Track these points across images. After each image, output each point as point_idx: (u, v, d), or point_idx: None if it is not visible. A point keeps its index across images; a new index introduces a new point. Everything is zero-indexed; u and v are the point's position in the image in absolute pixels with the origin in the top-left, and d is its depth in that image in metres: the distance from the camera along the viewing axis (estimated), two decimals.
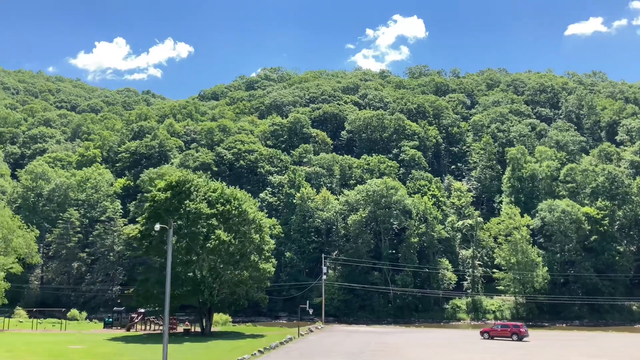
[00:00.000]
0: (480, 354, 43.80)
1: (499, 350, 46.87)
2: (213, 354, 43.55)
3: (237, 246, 60.00)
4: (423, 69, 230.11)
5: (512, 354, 44.81)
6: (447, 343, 52.84)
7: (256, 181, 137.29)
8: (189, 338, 58.51)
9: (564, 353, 46.74)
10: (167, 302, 31.16)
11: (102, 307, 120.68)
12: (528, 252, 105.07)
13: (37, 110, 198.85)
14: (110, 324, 72.02)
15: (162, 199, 60.64)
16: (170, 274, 31.59)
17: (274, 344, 46.18)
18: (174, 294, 58.52)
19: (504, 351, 46.43)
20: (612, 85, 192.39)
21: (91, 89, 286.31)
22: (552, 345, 52.48)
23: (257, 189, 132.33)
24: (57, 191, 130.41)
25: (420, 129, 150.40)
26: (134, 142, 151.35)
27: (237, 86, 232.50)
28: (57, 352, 43.16)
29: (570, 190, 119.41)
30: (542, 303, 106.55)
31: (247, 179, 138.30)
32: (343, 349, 45.82)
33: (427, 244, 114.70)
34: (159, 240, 59.46)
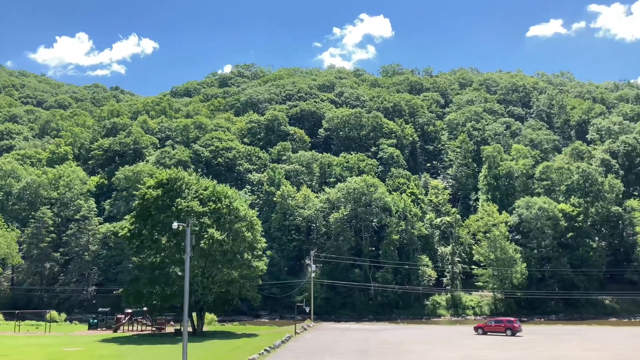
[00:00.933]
0: (487, 350, 44.19)
1: (501, 346, 47.50)
2: (217, 354, 42.82)
3: (230, 244, 59.21)
4: (396, 68, 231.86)
5: (516, 349, 45.46)
6: (445, 339, 53.31)
7: (234, 179, 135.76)
8: (180, 338, 57.25)
9: (566, 346, 47.69)
10: (187, 301, 30.39)
11: (76, 308, 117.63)
12: (506, 249, 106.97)
13: (1, 106, 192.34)
14: (95, 325, 70.17)
15: (153, 197, 59.32)
16: (189, 273, 30.80)
17: (277, 343, 45.73)
18: (166, 293, 57.43)
19: (505, 346, 47.12)
20: (580, 86, 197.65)
21: (57, 85, 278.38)
22: (547, 339, 53.50)
23: (236, 187, 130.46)
24: (27, 189, 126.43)
25: (397, 128, 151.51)
26: (107, 139, 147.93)
27: (209, 83, 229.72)
28: (55, 355, 41.78)
29: (546, 188, 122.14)
30: (519, 298, 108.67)
31: (225, 177, 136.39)
32: (346, 346, 45.71)
33: (407, 241, 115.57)
34: (151, 240, 58.17)
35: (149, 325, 68.48)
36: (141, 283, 58.89)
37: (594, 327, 76.33)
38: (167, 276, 57.86)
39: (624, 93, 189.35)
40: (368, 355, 39.90)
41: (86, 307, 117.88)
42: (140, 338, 56.86)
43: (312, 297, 77.10)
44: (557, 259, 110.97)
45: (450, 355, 40.78)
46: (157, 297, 57.71)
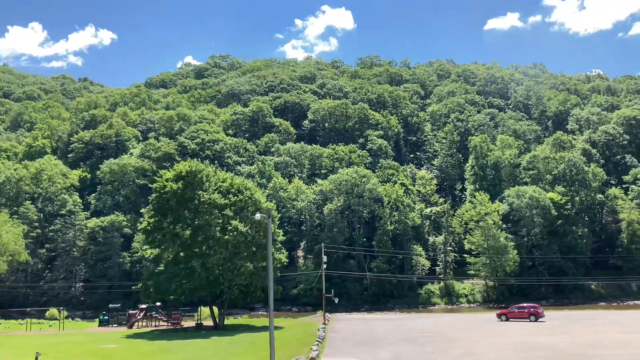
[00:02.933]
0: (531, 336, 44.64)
1: (539, 331, 48.24)
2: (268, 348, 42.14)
3: (252, 236, 58.46)
4: (375, 59, 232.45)
5: (556, 333, 46.14)
6: (476, 327, 54.00)
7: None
8: (206, 332, 56.46)
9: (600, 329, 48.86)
10: (271, 293, 29.81)
11: (63, 305, 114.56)
12: (498, 237, 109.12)
13: None
14: (106, 322, 68.32)
15: (173, 190, 57.94)
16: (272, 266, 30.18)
17: (321, 334, 45.39)
18: (189, 287, 56.44)
19: (543, 332, 48.04)
20: (554, 77, 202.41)
21: (21, 75, 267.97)
22: (574, 324, 54.87)
23: None
24: (7, 184, 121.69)
25: (382, 119, 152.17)
26: (88, 132, 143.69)
27: (185, 74, 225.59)
28: (98, 353, 40.47)
29: (533, 177, 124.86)
30: (512, 285, 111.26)
31: None
32: (390, 336, 45.76)
33: (399, 231, 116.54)
34: (172, 233, 56.94)
35: (165, 321, 67.07)
36: (162, 277, 57.54)
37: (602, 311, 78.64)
38: (191, 270, 56.71)
39: (596, 84, 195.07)
40: (422, 344, 40.08)
41: (74, 304, 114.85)
42: (165, 333, 55.67)
43: (323, 289, 76.81)
44: (547, 247, 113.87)
45: (501, 341, 41.33)
46: (180, 291, 56.53)
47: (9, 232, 62.63)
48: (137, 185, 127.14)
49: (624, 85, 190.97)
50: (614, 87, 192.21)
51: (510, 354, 35.23)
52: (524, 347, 37.98)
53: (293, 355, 35.58)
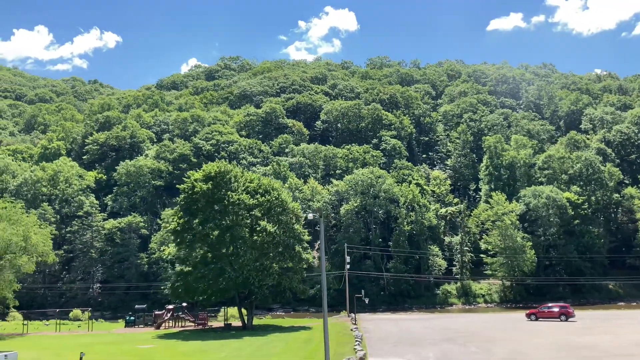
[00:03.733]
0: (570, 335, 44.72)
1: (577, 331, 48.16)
2: (306, 348, 42.41)
3: (281, 237, 58.70)
4: (384, 60, 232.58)
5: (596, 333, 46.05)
6: (508, 327, 54.02)
7: None
8: (236, 333, 56.66)
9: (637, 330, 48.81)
10: (324, 294, 30.02)
11: (81, 307, 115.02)
12: (515, 237, 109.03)
13: None
14: (132, 323, 68.62)
15: (203, 190, 58.20)
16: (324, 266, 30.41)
17: (357, 334, 45.56)
18: (219, 287, 56.73)
19: (582, 331, 48.00)
20: (565, 77, 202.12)
21: (32, 78, 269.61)
22: (604, 323, 54.91)
23: None
24: (25, 186, 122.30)
25: (395, 119, 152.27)
26: (103, 134, 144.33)
27: (195, 75, 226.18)
28: (138, 353, 40.73)
29: (548, 177, 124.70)
30: (528, 285, 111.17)
31: None
32: (429, 336, 45.88)
33: (416, 231, 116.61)
34: (202, 234, 57.23)
35: (192, 321, 67.34)
36: (192, 278, 57.79)
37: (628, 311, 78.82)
38: (221, 270, 56.97)
39: (607, 84, 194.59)
40: (463, 344, 40.19)
41: (92, 305, 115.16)
42: (195, 334, 55.93)
43: (347, 290, 77.06)
44: (563, 246, 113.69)
45: (543, 341, 41.39)
46: (211, 291, 56.78)
47: (37, 233, 63.05)
48: (153, 186, 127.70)
49: (636, 85, 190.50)
50: (625, 87, 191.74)
51: (557, 354, 35.31)
52: (569, 347, 38.05)
53: (335, 355, 35.71)
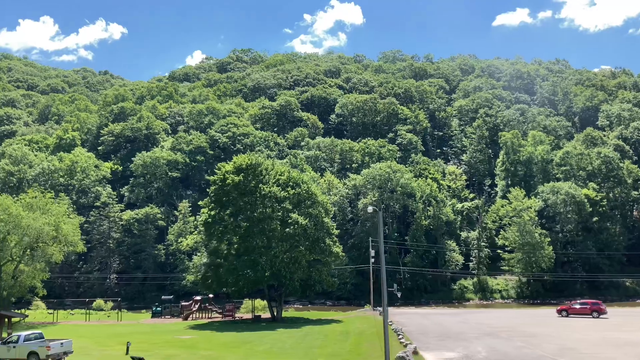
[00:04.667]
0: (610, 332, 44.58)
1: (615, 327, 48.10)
2: (348, 341, 42.38)
3: (312, 230, 58.65)
4: (396, 54, 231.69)
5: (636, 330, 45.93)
6: (543, 322, 53.89)
7: None
8: (267, 324, 56.73)
9: None
10: (384, 287, 29.93)
11: (98, 297, 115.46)
12: (534, 233, 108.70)
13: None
14: (159, 313, 68.81)
15: (235, 182, 58.13)
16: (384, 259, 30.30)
17: (396, 328, 45.55)
18: (251, 278, 56.77)
19: (621, 328, 47.88)
20: (579, 73, 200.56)
21: (43, 68, 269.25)
22: (637, 320, 54.67)
23: None
24: (42, 176, 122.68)
25: (411, 114, 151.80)
26: (118, 125, 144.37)
27: (207, 67, 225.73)
28: (181, 343, 40.75)
29: (565, 173, 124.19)
30: (545, 281, 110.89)
31: None
32: (468, 330, 45.83)
33: (433, 226, 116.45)
34: (234, 225, 57.21)
35: (219, 313, 67.46)
36: (224, 269, 57.80)
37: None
38: (253, 262, 57.00)
39: (622, 80, 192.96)
40: (506, 339, 40.11)
41: (109, 296, 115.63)
42: (226, 325, 56.02)
43: (371, 284, 77.07)
44: (581, 243, 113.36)
45: (585, 337, 41.24)
46: (243, 282, 56.83)
47: (67, 223, 63.20)
48: (169, 178, 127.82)
49: None
50: None
51: (606, 349, 35.17)
52: (616, 342, 37.94)
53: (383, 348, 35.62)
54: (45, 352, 32.76)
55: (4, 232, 56.08)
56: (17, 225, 56.59)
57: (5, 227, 56.10)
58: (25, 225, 56.57)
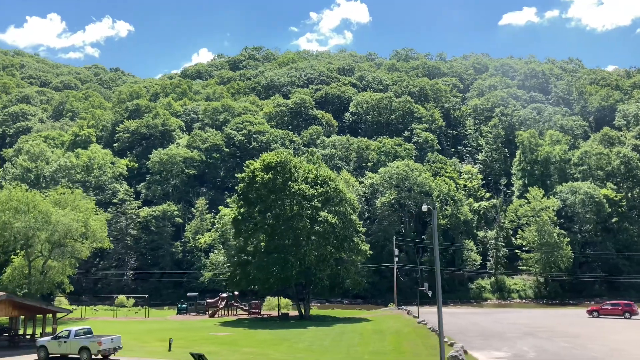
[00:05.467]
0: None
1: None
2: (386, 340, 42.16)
3: (340, 227, 58.49)
4: (409, 52, 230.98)
5: None
6: (577, 323, 53.58)
7: None
8: (296, 322, 56.61)
9: None
10: (439, 286, 29.73)
11: (115, 294, 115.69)
12: (552, 233, 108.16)
13: (10, 86, 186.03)
14: (184, 310, 68.82)
15: (264, 180, 58.01)
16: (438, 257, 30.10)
17: (433, 327, 45.31)
18: (281, 276, 56.67)
19: None
20: (594, 73, 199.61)
21: (55, 65, 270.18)
22: None
23: None
24: (59, 172, 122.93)
25: (426, 112, 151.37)
26: (134, 121, 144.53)
27: (219, 65, 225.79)
28: (220, 340, 40.66)
29: (583, 173, 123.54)
30: (564, 282, 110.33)
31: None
32: (507, 330, 45.57)
33: (450, 225, 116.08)
34: (263, 223, 57.09)
35: (245, 310, 67.38)
36: (253, 266, 57.71)
37: None
38: (284, 259, 56.90)
39: (637, 80, 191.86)
40: (548, 339, 39.82)
41: (126, 292, 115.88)
42: (255, 322, 55.94)
43: (395, 283, 76.79)
44: (600, 243, 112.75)
45: (622, 338, 40.98)
46: (273, 280, 56.74)
47: (95, 219, 63.30)
48: (185, 175, 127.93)
49: None
50: None
51: None
52: None
53: (430, 348, 35.49)
54: (97, 348, 32.75)
55: (34, 228, 56.11)
56: (47, 221, 56.61)
57: (35, 224, 56.12)
58: (55, 221, 56.63)
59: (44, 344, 34.71)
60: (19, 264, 60.46)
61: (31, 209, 56.43)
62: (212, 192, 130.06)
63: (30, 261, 59.12)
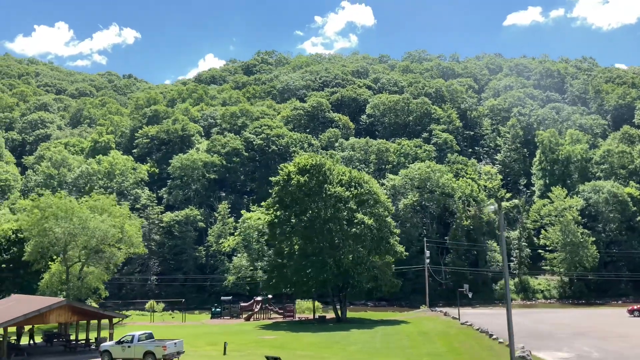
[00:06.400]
0: None
1: None
2: (437, 341, 42.10)
3: (376, 229, 58.49)
4: (422, 54, 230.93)
5: None
6: (622, 323, 53.21)
7: None
8: (334, 325, 56.61)
9: None
10: (507, 286, 29.69)
11: (139, 299, 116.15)
12: (577, 233, 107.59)
13: (28, 94, 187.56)
14: (218, 314, 69.02)
15: (300, 183, 58.13)
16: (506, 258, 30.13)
17: (481, 329, 45.23)
18: (320, 279, 56.72)
19: None
20: (609, 71, 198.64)
21: (68, 73, 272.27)
22: None
23: None
24: (81, 179, 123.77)
25: (443, 113, 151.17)
26: (153, 127, 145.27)
27: (233, 70, 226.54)
28: (269, 343, 40.73)
29: (606, 172, 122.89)
30: (589, 281, 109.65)
31: (276, 164, 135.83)
32: (551, 331, 45.36)
33: (473, 226, 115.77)
34: (301, 226, 57.20)
35: (280, 313, 67.45)
36: (290, 269, 57.81)
37: None
38: (322, 262, 56.95)
39: None
40: (602, 339, 39.64)
41: (150, 297, 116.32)
42: (294, 325, 56.02)
43: (427, 284, 76.65)
44: (625, 242, 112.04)
45: None
46: (312, 282, 56.78)
47: (130, 224, 63.69)
48: (206, 179, 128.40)
49: None
50: None
51: None
52: None
53: (483, 348, 35.39)
54: (162, 352, 32.89)
55: (73, 234, 56.50)
56: (85, 227, 56.97)
57: (74, 229, 56.50)
58: (93, 227, 56.98)
59: (108, 349, 34.92)
60: (56, 270, 60.84)
61: (70, 215, 56.81)
62: (232, 196, 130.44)
63: (68, 267, 59.49)
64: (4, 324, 32.48)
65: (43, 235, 55.91)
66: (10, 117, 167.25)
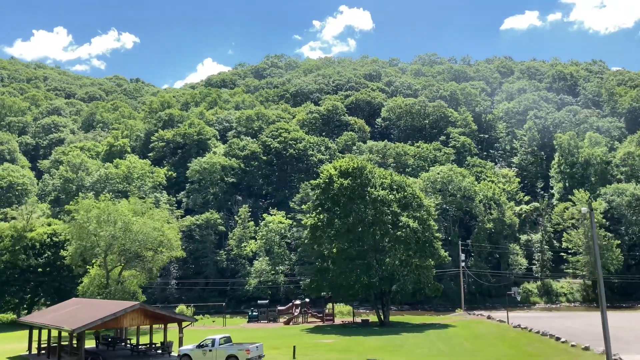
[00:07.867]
0: None
1: None
2: (500, 344, 41.59)
3: (421, 232, 58.03)
4: (432, 57, 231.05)
5: None
6: None
7: (304, 170, 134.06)
8: (379, 329, 56.06)
9: None
10: (602, 287, 29.23)
11: (159, 303, 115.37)
12: (601, 235, 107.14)
13: (39, 98, 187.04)
14: (255, 318, 68.37)
15: (342, 185, 57.66)
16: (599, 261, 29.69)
17: (542, 331, 44.80)
18: (365, 282, 56.22)
19: None
20: (620, 74, 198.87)
21: (76, 77, 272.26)
22: None
23: (307, 177, 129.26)
24: (99, 183, 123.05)
25: (459, 116, 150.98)
26: (169, 131, 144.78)
27: (242, 74, 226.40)
28: (330, 347, 40.20)
29: (627, 174, 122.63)
30: (613, 284, 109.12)
31: (293, 168, 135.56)
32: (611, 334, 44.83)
33: (495, 229, 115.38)
34: (345, 229, 56.73)
35: (319, 317, 66.85)
36: (335, 273, 57.29)
37: None
38: (367, 266, 56.47)
39: None
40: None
41: (171, 302, 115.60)
42: (338, 329, 55.50)
43: (462, 287, 76.17)
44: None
45: None
46: (358, 286, 56.24)
47: (169, 228, 63.16)
48: (225, 183, 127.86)
49: None
50: None
51: None
52: None
53: (556, 350, 34.88)
54: (245, 356, 32.36)
55: (116, 237, 55.96)
56: (128, 230, 56.44)
57: (117, 232, 55.96)
58: (136, 230, 56.46)
59: (188, 353, 34.36)
60: (95, 274, 60.27)
61: (114, 219, 56.28)
62: (250, 200, 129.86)
63: (109, 271, 58.92)
64: (84, 327, 31.88)
65: (87, 239, 55.35)
66: (24, 121, 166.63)
